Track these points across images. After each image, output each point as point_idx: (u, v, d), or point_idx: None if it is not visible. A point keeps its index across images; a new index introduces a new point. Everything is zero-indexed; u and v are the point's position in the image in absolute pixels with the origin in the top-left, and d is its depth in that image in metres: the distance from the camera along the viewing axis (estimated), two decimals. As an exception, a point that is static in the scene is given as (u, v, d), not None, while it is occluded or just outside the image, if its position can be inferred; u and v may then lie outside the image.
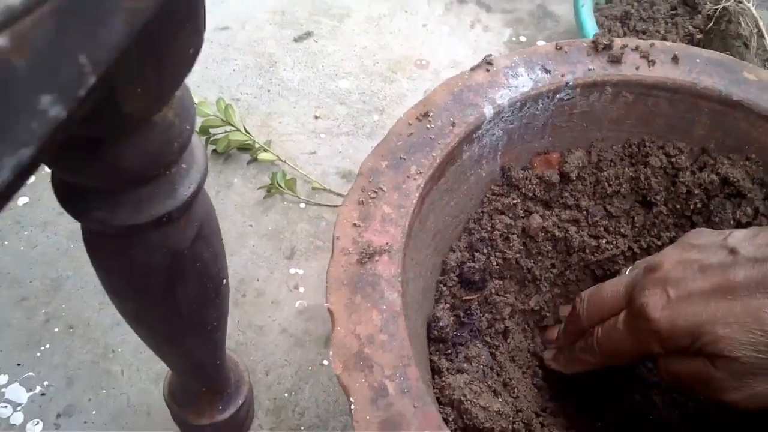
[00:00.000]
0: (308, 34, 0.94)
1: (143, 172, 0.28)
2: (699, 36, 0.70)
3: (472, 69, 0.47)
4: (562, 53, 0.48)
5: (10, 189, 0.13)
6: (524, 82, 0.47)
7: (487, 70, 0.47)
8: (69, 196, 0.29)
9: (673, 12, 0.79)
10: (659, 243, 0.52)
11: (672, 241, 0.51)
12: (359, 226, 0.39)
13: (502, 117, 0.46)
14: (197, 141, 0.32)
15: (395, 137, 0.43)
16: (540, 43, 0.94)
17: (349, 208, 0.40)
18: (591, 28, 0.70)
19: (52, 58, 0.12)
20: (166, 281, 0.34)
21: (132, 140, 0.26)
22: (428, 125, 0.44)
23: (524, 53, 0.48)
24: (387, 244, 0.38)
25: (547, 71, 0.47)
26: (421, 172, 0.42)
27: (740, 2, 0.59)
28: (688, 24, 0.75)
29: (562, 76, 0.47)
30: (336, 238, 0.39)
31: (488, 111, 0.45)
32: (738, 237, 0.37)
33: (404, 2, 0.99)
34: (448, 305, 0.45)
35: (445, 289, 0.47)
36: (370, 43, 0.93)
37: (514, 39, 0.93)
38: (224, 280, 0.39)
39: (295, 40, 0.93)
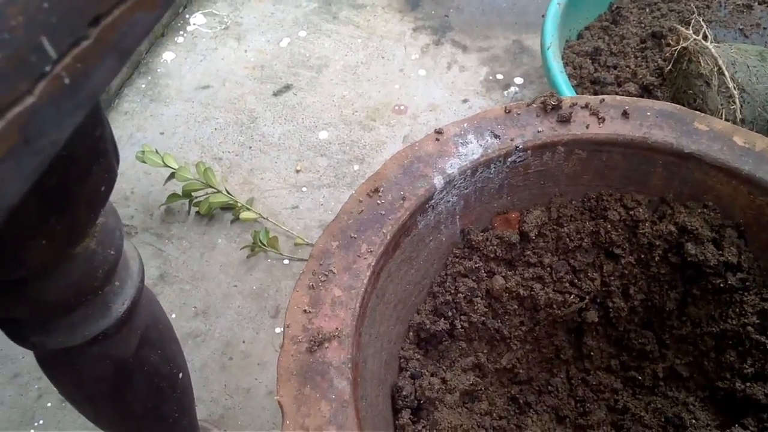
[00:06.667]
0: (287, 87, 0.95)
1: (69, 303, 0.28)
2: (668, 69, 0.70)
3: (421, 140, 0.48)
4: (512, 116, 0.49)
5: None
6: (474, 150, 0.47)
7: (437, 139, 0.48)
8: (4, 323, 0.30)
9: (643, 45, 0.79)
10: (630, 292, 0.52)
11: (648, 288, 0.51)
12: (309, 312, 0.40)
13: (455, 185, 0.47)
14: (132, 252, 0.33)
15: (346, 216, 0.44)
16: (517, 80, 0.94)
17: (299, 294, 0.41)
18: (557, 69, 0.70)
19: None
20: (114, 387, 0.35)
21: (53, 275, 0.27)
22: (378, 201, 0.45)
23: (474, 119, 0.49)
24: (337, 329, 0.39)
25: (496, 136, 0.48)
26: (371, 251, 0.42)
27: (698, 42, 0.59)
28: (658, 57, 0.75)
29: (512, 140, 0.48)
30: (286, 326, 0.39)
31: (438, 182, 0.46)
32: None
33: (381, 49, 1.00)
34: (409, 373, 0.46)
35: (407, 354, 0.47)
36: (348, 92, 0.94)
37: (491, 77, 0.93)
38: (180, 374, 0.40)
39: (275, 94, 0.95)
